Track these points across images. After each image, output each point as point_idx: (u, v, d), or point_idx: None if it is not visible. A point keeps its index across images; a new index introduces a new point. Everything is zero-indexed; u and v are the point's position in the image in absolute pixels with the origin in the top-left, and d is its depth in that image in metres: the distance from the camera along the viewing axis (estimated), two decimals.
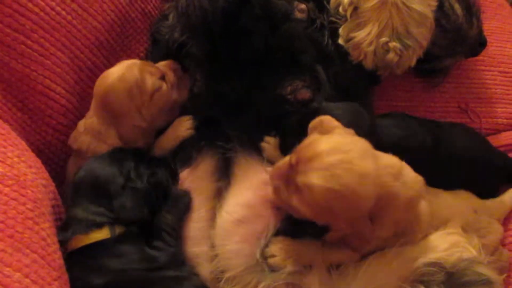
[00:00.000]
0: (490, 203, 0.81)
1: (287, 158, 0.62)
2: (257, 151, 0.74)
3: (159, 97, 0.77)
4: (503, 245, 0.82)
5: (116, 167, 0.69)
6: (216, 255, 0.69)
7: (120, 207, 0.66)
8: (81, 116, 0.82)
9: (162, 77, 0.78)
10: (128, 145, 0.76)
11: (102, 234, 0.65)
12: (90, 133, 0.76)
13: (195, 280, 0.68)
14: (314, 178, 0.56)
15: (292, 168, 0.59)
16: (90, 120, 0.77)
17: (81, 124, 0.78)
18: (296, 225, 0.67)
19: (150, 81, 0.76)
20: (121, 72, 0.75)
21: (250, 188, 0.71)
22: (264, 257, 0.66)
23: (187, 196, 0.73)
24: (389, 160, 0.61)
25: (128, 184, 0.68)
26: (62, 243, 0.64)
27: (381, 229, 0.61)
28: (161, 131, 0.82)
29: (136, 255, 0.66)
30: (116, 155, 0.71)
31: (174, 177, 0.76)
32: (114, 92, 0.74)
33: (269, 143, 0.76)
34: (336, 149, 0.58)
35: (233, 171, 0.74)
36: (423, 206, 0.66)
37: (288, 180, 0.60)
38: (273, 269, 0.66)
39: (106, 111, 0.75)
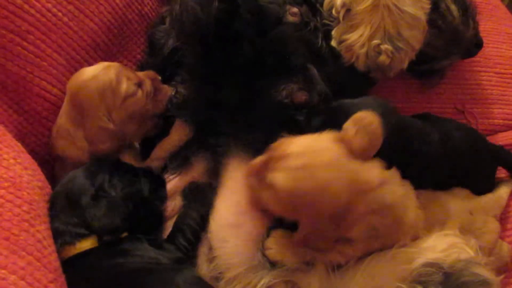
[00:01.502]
0: (487, 199, 0.81)
1: (261, 156, 0.64)
2: (250, 154, 0.74)
3: (131, 102, 0.76)
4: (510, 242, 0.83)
5: (89, 179, 0.68)
6: (214, 257, 0.68)
7: (92, 217, 0.65)
8: None
9: (139, 84, 0.77)
10: (94, 147, 0.75)
11: (88, 243, 0.65)
12: (61, 136, 0.76)
13: (193, 271, 0.68)
14: (278, 178, 0.59)
15: (264, 165, 0.62)
16: (60, 120, 0.76)
17: (54, 128, 0.78)
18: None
19: (125, 85, 0.75)
20: (97, 71, 0.75)
21: (238, 190, 0.71)
22: (262, 250, 0.67)
23: (205, 186, 0.73)
24: (366, 175, 0.60)
25: (100, 194, 0.67)
26: None
27: (348, 231, 0.62)
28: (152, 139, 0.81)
29: (137, 252, 0.66)
30: (91, 168, 0.71)
31: (160, 184, 0.76)
32: (86, 89, 0.73)
33: None
34: (304, 153, 0.60)
35: (223, 174, 0.74)
36: (413, 211, 0.67)
37: (260, 177, 0.63)
38: (271, 263, 0.66)
39: (75, 108, 0.74)
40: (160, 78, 0.82)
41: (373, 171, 0.61)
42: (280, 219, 0.67)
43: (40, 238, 0.58)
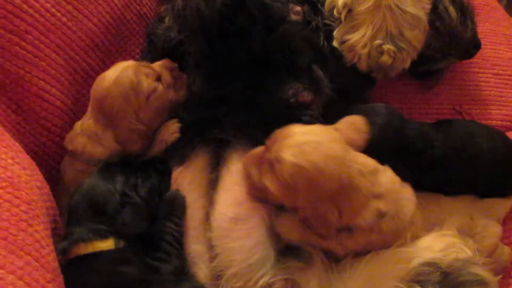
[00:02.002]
0: (492, 202, 0.81)
1: (262, 146, 0.67)
2: (251, 149, 0.73)
3: (155, 98, 0.76)
4: (509, 243, 0.83)
5: (110, 185, 0.69)
6: (216, 255, 0.68)
7: (121, 225, 0.66)
8: (76, 117, 0.82)
9: (158, 78, 0.78)
10: (125, 147, 0.76)
11: (106, 244, 0.65)
12: (86, 135, 0.76)
13: (194, 281, 0.68)
14: (285, 153, 0.61)
15: (267, 150, 0.64)
16: (87, 123, 0.77)
17: (78, 126, 0.78)
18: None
19: (146, 83, 0.75)
20: (116, 75, 0.74)
21: (238, 184, 0.71)
22: (275, 241, 0.68)
23: (181, 198, 0.73)
24: (362, 158, 0.65)
25: (124, 200, 0.68)
26: (62, 252, 0.64)
27: (349, 218, 0.63)
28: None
29: (138, 263, 0.66)
30: (105, 173, 0.71)
31: (167, 174, 0.76)
32: (110, 96, 0.74)
33: None
34: (308, 132, 0.64)
35: (222, 168, 0.74)
36: (411, 208, 0.67)
37: (261, 163, 0.65)
38: (283, 256, 0.67)
39: (103, 114, 0.75)
40: (176, 65, 0.82)
41: (368, 158, 0.66)
42: (280, 208, 0.68)
43: (38, 238, 0.58)
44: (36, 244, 0.56)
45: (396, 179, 0.67)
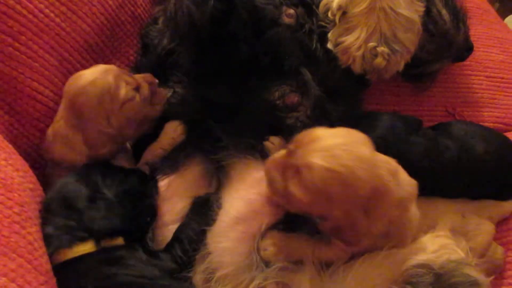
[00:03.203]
0: (483, 202, 0.82)
1: (283, 150, 0.63)
2: (249, 152, 0.74)
3: (129, 107, 0.75)
4: (502, 244, 0.83)
5: (83, 183, 0.68)
6: (208, 254, 0.68)
7: (91, 220, 0.65)
8: None
9: (137, 88, 0.77)
10: (93, 151, 0.75)
11: (86, 247, 0.64)
12: (59, 140, 0.75)
13: (187, 285, 0.67)
14: (315, 158, 0.57)
15: (290, 155, 0.61)
16: (57, 124, 0.75)
17: (50, 133, 0.77)
18: (291, 221, 0.68)
19: (124, 90, 0.74)
20: (95, 76, 0.73)
21: (246, 186, 0.71)
22: (258, 250, 0.67)
23: (210, 202, 0.72)
24: (386, 158, 0.63)
25: (96, 196, 0.67)
26: None
27: (373, 224, 0.61)
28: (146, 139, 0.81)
29: (131, 262, 0.65)
30: (82, 172, 0.70)
31: (152, 184, 0.76)
32: (84, 95, 0.72)
33: (274, 144, 0.76)
34: (335, 135, 0.61)
35: (226, 173, 0.74)
36: (414, 210, 0.67)
37: (285, 169, 0.61)
38: (266, 263, 0.66)
39: (74, 113, 0.74)
40: (157, 81, 0.82)
41: (387, 157, 0.63)
42: (285, 216, 0.67)
43: (31, 240, 0.57)
44: (29, 246, 0.56)
45: (412, 181, 0.65)
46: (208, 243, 0.69)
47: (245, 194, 0.71)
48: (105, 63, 0.89)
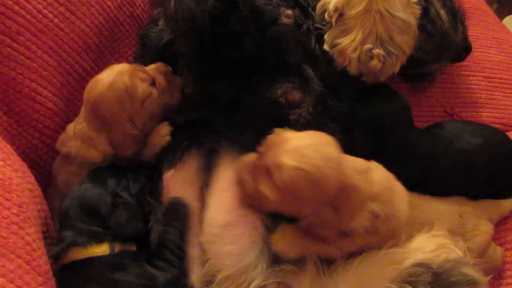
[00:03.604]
0: (482, 203, 0.82)
1: (253, 153, 0.66)
2: (242, 152, 0.74)
3: (149, 103, 0.76)
4: (501, 244, 0.84)
5: (101, 187, 0.68)
6: (208, 259, 0.68)
7: (116, 225, 0.66)
8: (68, 119, 0.81)
9: (153, 83, 0.77)
10: (119, 152, 0.75)
11: (101, 249, 0.65)
12: (80, 138, 0.75)
13: None
14: (285, 158, 0.60)
15: (260, 157, 0.63)
16: (80, 126, 0.76)
17: (70, 128, 0.77)
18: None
19: (141, 88, 0.74)
20: (111, 79, 0.73)
21: (229, 189, 0.71)
22: (268, 245, 0.67)
23: (184, 205, 0.72)
24: (352, 158, 0.66)
25: (117, 200, 0.67)
26: (55, 258, 0.64)
27: (346, 220, 0.63)
28: None
29: (135, 271, 0.65)
30: (96, 176, 0.70)
31: (157, 177, 0.76)
32: (104, 101, 0.73)
33: None
34: (304, 137, 0.64)
35: (213, 173, 0.74)
36: (402, 206, 0.67)
37: (255, 170, 0.63)
38: (267, 262, 0.66)
39: (97, 119, 0.74)
40: (170, 69, 0.81)
41: (357, 158, 0.66)
42: (273, 215, 0.67)
43: (29, 240, 0.57)
44: (27, 247, 0.56)
45: (390, 176, 0.67)
46: (206, 250, 0.69)
47: (228, 199, 0.70)
48: (104, 63, 0.89)
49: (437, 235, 0.69)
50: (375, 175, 0.66)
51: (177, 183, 0.75)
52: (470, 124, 0.90)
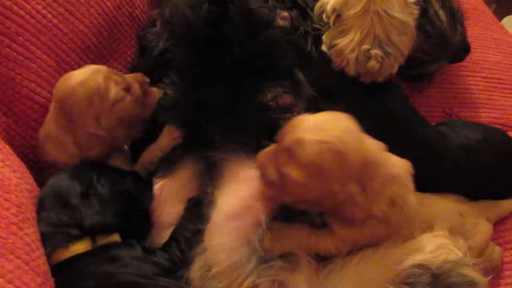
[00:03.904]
0: (481, 203, 0.82)
1: (272, 144, 0.65)
2: (242, 152, 0.74)
3: (120, 108, 0.75)
4: (500, 244, 0.84)
5: (76, 179, 0.68)
6: (204, 249, 0.68)
7: (83, 216, 0.65)
8: None
9: (127, 88, 0.76)
10: (83, 152, 0.74)
11: (82, 245, 0.64)
12: (50, 141, 0.75)
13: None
14: (305, 134, 0.59)
15: (280, 143, 0.62)
16: (48, 126, 0.75)
17: (41, 133, 0.76)
18: (288, 214, 0.68)
19: (114, 90, 0.73)
20: (85, 76, 0.73)
21: (238, 183, 0.71)
22: (259, 241, 0.67)
23: (203, 201, 0.72)
24: (369, 137, 0.65)
25: (89, 192, 0.67)
26: None
27: (373, 200, 0.61)
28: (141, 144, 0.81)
29: (131, 261, 0.65)
30: (77, 169, 0.70)
31: (147, 184, 0.76)
32: (74, 96, 0.72)
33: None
34: (320, 115, 0.63)
35: (219, 172, 0.74)
36: (413, 200, 0.67)
37: (277, 157, 0.62)
38: (261, 259, 0.66)
39: (64, 114, 0.73)
40: (148, 80, 0.81)
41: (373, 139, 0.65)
42: (277, 209, 0.67)
43: (28, 241, 0.57)
44: (26, 248, 0.56)
45: (405, 161, 0.66)
46: (203, 240, 0.69)
47: (237, 191, 0.71)
48: (103, 64, 0.89)
49: (437, 235, 0.69)
50: (393, 157, 0.64)
51: (173, 189, 0.76)
52: (471, 122, 0.91)
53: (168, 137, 0.80)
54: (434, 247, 0.66)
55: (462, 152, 0.80)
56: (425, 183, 0.78)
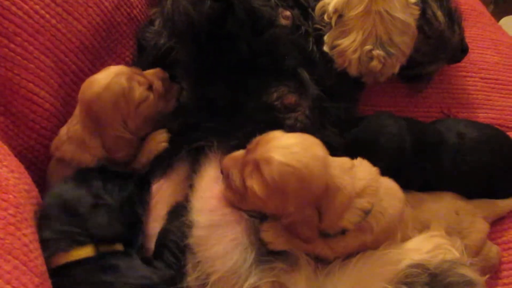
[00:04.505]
0: (478, 202, 0.82)
1: (241, 150, 0.66)
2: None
3: (145, 107, 0.75)
4: (497, 244, 0.84)
5: (84, 188, 0.68)
6: (198, 262, 0.68)
7: (94, 226, 0.65)
8: (65, 120, 0.81)
9: (150, 87, 0.77)
10: (111, 154, 0.75)
11: (85, 251, 0.64)
12: (74, 142, 0.75)
13: None
14: (274, 153, 0.60)
15: (249, 153, 0.64)
16: (73, 128, 0.75)
17: (64, 132, 0.77)
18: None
19: (138, 92, 0.74)
20: (108, 80, 0.73)
21: (210, 189, 0.71)
22: (259, 238, 0.67)
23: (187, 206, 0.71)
24: (338, 158, 0.66)
25: (98, 202, 0.67)
26: None
27: (336, 217, 0.63)
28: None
29: (129, 271, 0.65)
30: (81, 176, 0.70)
31: (146, 188, 0.75)
32: (100, 101, 0.72)
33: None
34: (292, 136, 0.64)
35: (200, 173, 0.74)
36: (398, 204, 0.68)
37: (243, 165, 0.64)
38: (259, 260, 0.66)
39: (91, 119, 0.74)
40: (168, 76, 0.81)
41: (342, 157, 0.67)
42: (258, 214, 0.67)
43: (26, 242, 0.57)
44: (24, 248, 0.56)
45: (373, 169, 0.68)
46: (195, 253, 0.68)
47: (211, 200, 0.70)
48: (101, 64, 0.89)
49: (434, 235, 0.69)
50: (358, 171, 0.66)
51: (166, 192, 0.75)
52: (469, 121, 0.91)
53: (154, 142, 0.79)
54: (431, 247, 0.66)
55: (459, 151, 0.81)
56: (423, 181, 0.79)
